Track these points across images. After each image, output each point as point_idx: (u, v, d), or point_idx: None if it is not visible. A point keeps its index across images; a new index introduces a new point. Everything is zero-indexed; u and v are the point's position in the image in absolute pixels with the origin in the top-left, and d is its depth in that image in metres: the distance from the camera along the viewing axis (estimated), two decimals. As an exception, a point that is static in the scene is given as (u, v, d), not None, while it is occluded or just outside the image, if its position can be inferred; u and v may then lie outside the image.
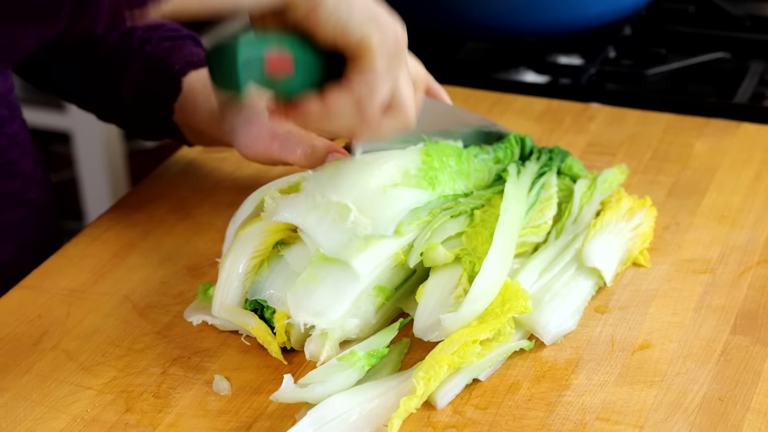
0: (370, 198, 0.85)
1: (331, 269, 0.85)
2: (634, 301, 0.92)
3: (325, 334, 0.83)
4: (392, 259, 0.87)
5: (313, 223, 0.85)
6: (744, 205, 1.04)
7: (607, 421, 0.80)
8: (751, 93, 1.25)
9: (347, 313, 0.84)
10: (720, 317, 0.90)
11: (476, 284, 0.84)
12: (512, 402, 0.82)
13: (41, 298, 0.95)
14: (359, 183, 0.86)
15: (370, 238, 0.85)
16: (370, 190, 0.86)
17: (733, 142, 1.14)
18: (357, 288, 0.85)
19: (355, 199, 0.85)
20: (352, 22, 0.79)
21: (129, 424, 0.81)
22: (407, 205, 0.87)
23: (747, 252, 0.97)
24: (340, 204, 0.85)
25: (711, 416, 0.80)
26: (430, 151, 0.90)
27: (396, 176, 0.87)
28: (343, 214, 0.85)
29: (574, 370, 0.85)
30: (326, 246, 0.84)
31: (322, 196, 0.85)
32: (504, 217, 0.88)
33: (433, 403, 0.82)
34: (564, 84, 1.31)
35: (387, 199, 0.86)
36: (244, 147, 0.99)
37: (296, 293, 0.84)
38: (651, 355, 0.86)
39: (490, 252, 0.86)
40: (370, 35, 0.79)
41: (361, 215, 0.84)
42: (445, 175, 0.90)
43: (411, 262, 0.87)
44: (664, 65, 1.31)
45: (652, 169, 1.10)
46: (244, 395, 0.84)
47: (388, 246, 0.86)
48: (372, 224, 0.85)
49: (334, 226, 0.84)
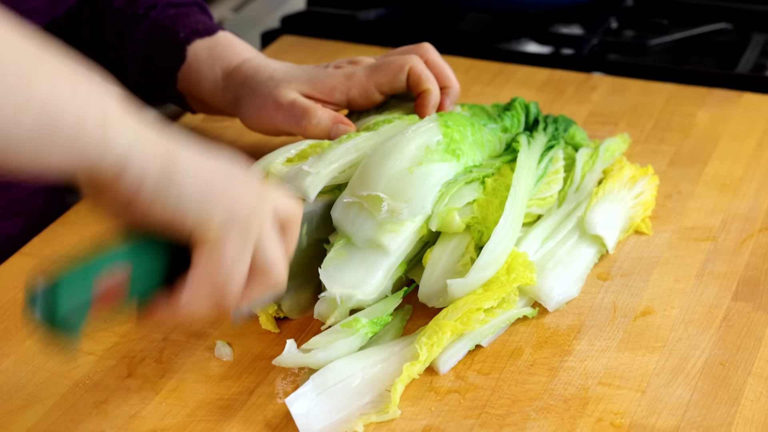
0: (398, 183, 0.85)
1: (358, 247, 0.85)
2: (636, 269, 0.92)
3: (342, 302, 0.83)
4: (417, 232, 0.87)
5: (346, 221, 0.85)
6: (746, 174, 1.04)
7: (609, 385, 0.80)
8: (753, 63, 1.25)
9: (380, 286, 0.84)
10: (722, 284, 0.90)
11: (485, 252, 0.84)
12: (514, 367, 0.82)
13: (42, 264, 0.94)
14: (384, 171, 0.85)
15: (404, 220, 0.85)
16: (396, 175, 0.85)
17: (735, 111, 1.14)
18: (387, 262, 0.85)
19: (384, 188, 0.84)
20: (183, 205, 0.68)
21: (131, 389, 0.81)
22: (437, 180, 0.86)
23: (749, 220, 0.97)
24: (371, 197, 0.84)
25: (713, 381, 0.80)
26: (448, 122, 0.90)
27: (419, 155, 0.87)
28: (376, 205, 0.84)
29: (576, 336, 0.85)
30: (361, 239, 0.85)
31: (351, 195, 0.85)
32: (516, 188, 0.88)
33: (436, 369, 0.82)
34: (566, 54, 1.30)
35: (415, 178, 0.85)
36: (248, 117, 0.98)
37: (327, 269, 0.84)
38: (653, 321, 0.86)
39: (501, 221, 0.86)
40: (209, 218, 0.69)
41: (394, 202, 0.84)
42: (466, 145, 0.90)
43: (433, 227, 0.87)
44: (666, 36, 1.31)
45: (654, 138, 1.10)
46: (246, 361, 0.84)
47: (416, 221, 0.86)
48: (407, 207, 0.84)
49: (369, 219, 0.84)
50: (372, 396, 0.80)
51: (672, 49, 1.32)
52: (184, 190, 0.68)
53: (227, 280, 0.71)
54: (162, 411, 0.79)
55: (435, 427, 0.77)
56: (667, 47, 1.31)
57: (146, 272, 0.71)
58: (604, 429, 0.76)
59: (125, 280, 0.69)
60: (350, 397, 0.79)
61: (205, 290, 0.71)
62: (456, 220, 0.87)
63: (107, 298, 0.69)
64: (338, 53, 1.29)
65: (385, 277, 0.85)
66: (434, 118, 0.91)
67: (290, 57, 1.28)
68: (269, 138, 1.12)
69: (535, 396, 0.80)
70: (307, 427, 0.77)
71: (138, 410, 0.79)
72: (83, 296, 0.67)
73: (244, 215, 0.71)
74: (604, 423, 0.77)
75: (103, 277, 0.68)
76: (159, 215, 0.68)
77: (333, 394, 0.79)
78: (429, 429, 0.77)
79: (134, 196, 0.67)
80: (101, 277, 0.68)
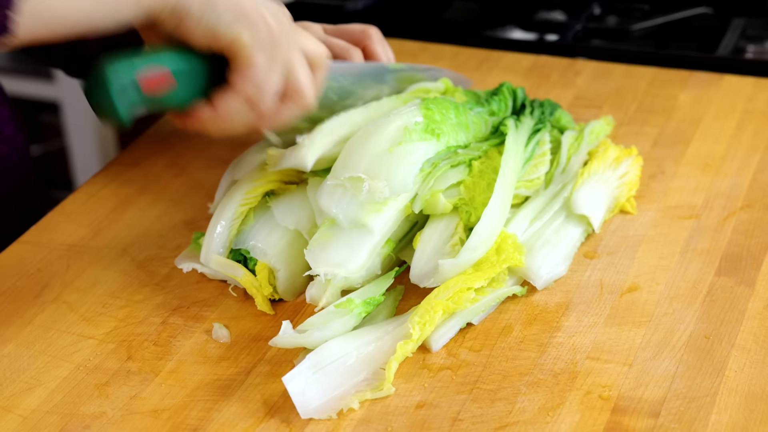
0: (378, 163, 0.86)
1: (343, 229, 0.87)
2: (621, 247, 0.94)
3: (328, 281, 0.85)
4: (401, 212, 0.89)
5: (331, 204, 0.86)
6: (727, 154, 1.06)
7: (597, 360, 0.82)
8: (733, 46, 1.27)
9: (365, 264, 0.86)
10: (705, 260, 0.92)
11: (476, 232, 0.86)
12: (505, 344, 0.84)
13: (40, 252, 0.96)
14: (365, 153, 0.87)
15: (386, 199, 0.87)
16: (376, 155, 0.87)
17: (716, 93, 1.16)
18: (371, 241, 0.87)
19: (365, 169, 0.86)
20: (220, 25, 0.80)
21: (131, 371, 0.83)
22: (417, 158, 0.88)
23: (731, 198, 1.00)
24: (352, 178, 0.86)
25: (697, 353, 0.82)
26: (429, 105, 0.92)
27: (397, 136, 0.88)
28: (358, 186, 0.86)
29: (565, 312, 0.87)
30: (345, 219, 0.86)
31: (334, 179, 0.87)
32: (504, 170, 0.90)
33: (428, 347, 0.84)
34: (551, 41, 1.32)
35: (395, 158, 0.87)
36: None
37: (312, 250, 0.86)
38: (639, 297, 0.88)
39: (491, 202, 0.88)
40: (240, 34, 0.80)
41: (374, 181, 0.86)
42: (447, 126, 0.91)
43: (416, 209, 0.89)
44: (647, 21, 1.33)
45: (638, 120, 1.12)
46: (243, 342, 0.86)
47: (398, 199, 0.88)
48: (388, 186, 0.86)
49: (352, 200, 0.86)
50: (367, 374, 0.82)
51: (654, 34, 1.34)
52: (219, 12, 0.80)
53: (259, 94, 0.82)
54: (162, 392, 0.81)
55: (428, 402, 0.79)
56: (649, 32, 1.33)
57: (189, 76, 0.82)
58: (593, 402, 0.79)
59: (170, 76, 0.81)
60: (345, 375, 0.81)
61: (242, 99, 0.82)
62: (441, 201, 0.89)
63: (155, 83, 0.79)
64: (326, 42, 1.30)
65: (370, 256, 0.87)
66: (416, 102, 0.93)
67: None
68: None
69: (525, 371, 0.82)
70: (304, 405, 0.79)
71: (138, 391, 0.81)
72: (130, 77, 0.78)
73: (273, 36, 0.81)
74: (593, 396, 0.79)
75: (151, 67, 0.80)
76: (202, 37, 0.80)
77: (329, 372, 0.80)
78: (423, 405, 0.79)
79: (181, 23, 0.80)
80: (149, 66, 0.79)
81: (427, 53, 1.26)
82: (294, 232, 0.90)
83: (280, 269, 0.88)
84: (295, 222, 0.89)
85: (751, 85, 1.18)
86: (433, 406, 0.79)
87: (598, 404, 0.78)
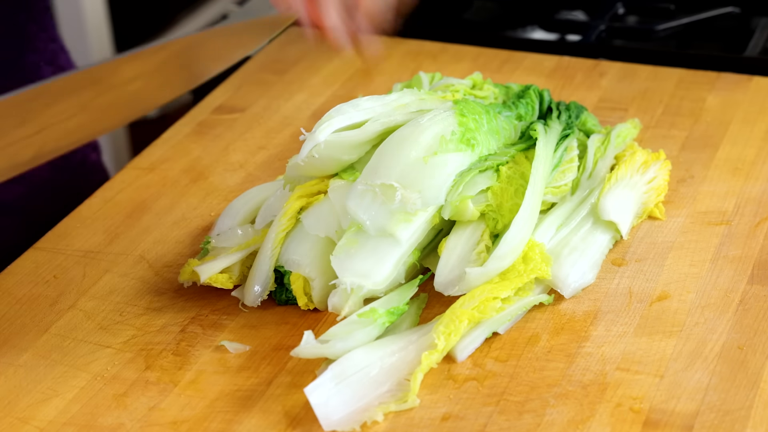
0: (412, 172, 0.84)
1: (370, 235, 0.85)
2: (650, 254, 0.92)
3: (352, 290, 0.83)
4: (429, 221, 0.87)
5: (359, 209, 0.84)
6: (758, 158, 1.04)
7: (627, 371, 0.80)
8: (762, 47, 1.24)
9: (390, 276, 0.84)
10: (737, 267, 0.90)
11: (505, 241, 0.84)
12: (532, 354, 0.82)
13: (56, 259, 0.95)
14: (399, 160, 0.85)
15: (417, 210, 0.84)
16: (411, 164, 0.85)
17: (745, 95, 1.14)
18: (398, 252, 0.85)
19: (398, 177, 0.84)
20: None
21: (149, 381, 0.81)
22: (451, 170, 0.86)
23: (762, 203, 0.97)
24: (384, 185, 0.84)
25: (731, 365, 0.80)
26: (464, 111, 0.89)
27: (434, 145, 0.86)
28: (390, 194, 0.84)
29: (593, 321, 0.85)
30: (373, 227, 0.84)
31: (365, 184, 0.85)
32: (534, 177, 0.88)
33: (453, 357, 0.82)
34: (573, 41, 1.30)
35: (429, 169, 0.85)
36: None
37: (338, 256, 0.84)
38: (669, 305, 0.86)
39: (520, 211, 0.86)
40: None
41: (407, 191, 0.84)
42: (481, 135, 0.89)
43: (445, 215, 0.87)
44: (672, 21, 1.31)
45: (665, 123, 1.10)
46: (264, 351, 0.84)
47: (429, 210, 0.86)
48: (420, 197, 0.84)
49: (382, 208, 0.84)
50: (390, 385, 0.80)
51: (678, 34, 1.31)
52: None
53: None
54: (181, 403, 0.79)
55: (454, 414, 0.77)
56: (674, 32, 1.31)
57: None
58: (624, 414, 0.77)
59: None
60: (369, 386, 0.79)
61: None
62: (470, 208, 0.87)
63: None
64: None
65: (396, 267, 0.85)
66: (450, 106, 0.90)
67: (297, 48, 1.28)
68: (278, 130, 1.12)
69: (553, 382, 0.80)
70: (326, 417, 0.77)
71: (157, 402, 0.80)
72: None
73: None
74: (624, 408, 0.77)
75: None
76: None
77: (352, 383, 0.79)
78: (448, 417, 0.77)
79: None
80: None
81: (448, 54, 1.24)
82: (325, 240, 0.88)
83: (315, 278, 0.86)
84: (325, 229, 0.87)
85: (780, 86, 1.15)
86: (459, 418, 0.77)
87: (629, 417, 0.76)
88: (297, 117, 1.15)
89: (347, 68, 1.23)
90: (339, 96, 1.18)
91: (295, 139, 1.10)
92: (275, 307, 0.88)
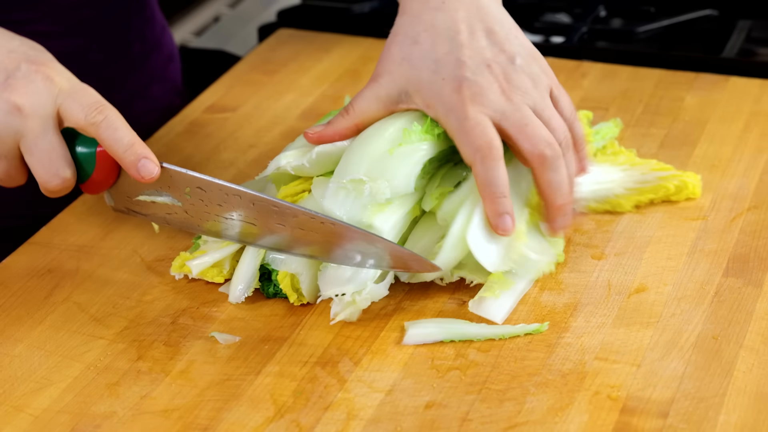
0: (379, 165, 0.87)
1: None
2: (629, 248, 0.94)
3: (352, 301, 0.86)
4: (410, 214, 0.89)
5: (335, 206, 0.87)
6: (734, 155, 1.06)
7: (605, 360, 0.83)
8: (739, 48, 1.27)
9: (373, 277, 0.86)
10: (713, 261, 0.92)
11: (450, 234, 0.87)
12: (513, 344, 0.85)
13: (51, 253, 0.97)
14: (366, 155, 0.87)
15: (389, 200, 0.87)
16: (377, 158, 0.87)
17: (722, 95, 1.17)
18: None
19: (366, 171, 0.86)
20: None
21: (141, 371, 0.84)
22: (418, 159, 0.88)
23: (738, 199, 1.00)
24: (353, 180, 0.86)
25: (705, 354, 0.83)
26: None
27: (398, 137, 0.89)
28: (360, 188, 0.86)
29: (573, 313, 0.88)
30: (350, 221, 0.86)
31: (337, 182, 0.87)
32: None
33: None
34: (556, 43, 1.33)
35: (395, 159, 0.87)
36: None
37: (324, 270, 0.87)
38: (647, 297, 0.89)
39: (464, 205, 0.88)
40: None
41: (375, 183, 0.86)
42: None
43: (426, 207, 0.89)
44: (653, 23, 1.34)
45: (644, 122, 1.13)
46: (253, 342, 0.86)
47: (404, 201, 0.88)
48: (389, 186, 0.86)
49: (355, 202, 0.86)
50: None
51: (659, 36, 1.34)
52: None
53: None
54: (172, 392, 0.82)
55: (438, 402, 0.80)
56: (655, 34, 1.33)
57: None
58: (602, 402, 0.79)
59: None
60: None
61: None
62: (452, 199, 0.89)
63: None
64: (334, 45, 1.31)
65: None
66: None
67: (287, 49, 1.30)
68: (268, 128, 1.15)
69: (533, 371, 0.82)
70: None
71: (149, 391, 0.82)
72: None
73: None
74: (601, 396, 0.79)
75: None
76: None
77: None
78: (432, 405, 0.80)
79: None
80: None
81: (434, 55, 1.26)
82: None
83: (302, 272, 0.89)
84: None
85: (758, 86, 1.18)
86: (442, 406, 0.79)
87: (606, 405, 0.79)
88: (286, 116, 1.17)
89: (335, 69, 1.26)
90: (327, 96, 1.20)
91: (285, 137, 1.13)
92: (264, 299, 0.91)
